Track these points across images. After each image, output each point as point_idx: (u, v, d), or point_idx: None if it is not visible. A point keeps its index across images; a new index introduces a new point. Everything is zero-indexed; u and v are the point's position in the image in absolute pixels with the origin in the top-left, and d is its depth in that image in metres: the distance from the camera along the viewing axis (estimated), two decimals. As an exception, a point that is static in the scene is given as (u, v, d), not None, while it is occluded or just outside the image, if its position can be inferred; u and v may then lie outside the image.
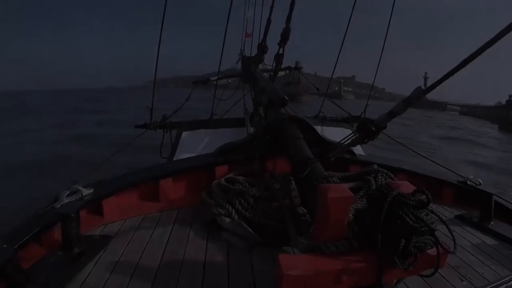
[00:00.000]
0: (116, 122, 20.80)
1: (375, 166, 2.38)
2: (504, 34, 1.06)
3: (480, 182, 2.45)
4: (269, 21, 3.31)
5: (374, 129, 1.57)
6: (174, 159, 3.96)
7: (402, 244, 1.08)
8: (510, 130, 40.07)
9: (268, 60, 3.99)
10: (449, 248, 1.20)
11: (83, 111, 30.21)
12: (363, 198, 1.99)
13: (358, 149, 3.23)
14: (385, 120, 1.53)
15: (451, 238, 1.27)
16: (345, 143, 1.86)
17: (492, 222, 2.12)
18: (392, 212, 1.10)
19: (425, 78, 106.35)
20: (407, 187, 1.21)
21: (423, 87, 1.29)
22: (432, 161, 3.20)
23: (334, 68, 4.61)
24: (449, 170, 3.01)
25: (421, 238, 1.13)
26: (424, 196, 1.15)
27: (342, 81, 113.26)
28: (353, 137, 1.76)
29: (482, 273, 1.62)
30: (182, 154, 3.99)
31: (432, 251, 1.17)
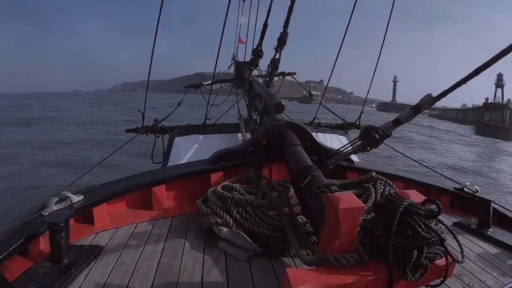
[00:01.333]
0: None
1: (373, 173, 2.35)
2: None
3: (477, 189, 2.45)
4: (265, 26, 3.29)
5: (378, 137, 1.53)
6: (167, 165, 3.88)
7: (415, 255, 1.06)
8: (487, 131, 41.29)
9: (262, 66, 3.97)
10: (457, 258, 1.18)
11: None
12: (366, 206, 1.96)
13: (352, 156, 3.22)
14: (390, 127, 1.49)
15: (459, 247, 1.25)
16: (346, 150, 1.82)
17: (490, 229, 2.10)
18: (403, 222, 1.07)
19: (394, 82, 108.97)
20: (416, 196, 1.18)
21: (432, 95, 1.25)
22: (429, 167, 3.20)
23: (330, 76, 4.60)
24: (445, 177, 3.01)
25: (432, 249, 1.11)
26: (434, 206, 1.13)
27: (311, 85, 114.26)
28: (355, 144, 1.72)
29: (485, 280, 1.60)
30: (175, 160, 3.92)
31: (439, 261, 1.14)
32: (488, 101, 53.16)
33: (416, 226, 1.05)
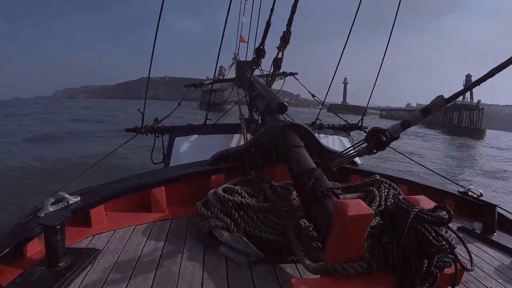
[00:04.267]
0: None
1: (377, 176, 2.30)
2: None
3: (481, 193, 2.40)
4: (268, 24, 3.25)
5: (385, 139, 1.48)
6: (167, 165, 3.84)
7: (425, 264, 1.01)
8: (460, 133, 41.39)
9: (264, 65, 3.93)
10: (466, 266, 1.13)
11: None
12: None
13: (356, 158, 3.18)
14: (398, 130, 1.44)
15: (468, 254, 1.21)
16: (351, 152, 1.77)
17: (495, 234, 2.06)
18: (413, 230, 1.02)
19: (345, 84, 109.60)
20: (426, 202, 1.14)
21: (444, 96, 1.20)
22: (433, 170, 3.16)
23: (334, 76, 4.55)
24: (449, 180, 2.97)
25: (442, 257, 1.06)
26: (445, 212, 1.08)
27: None
28: (360, 146, 1.67)
29: (491, 287, 1.55)
30: (175, 160, 3.87)
31: (448, 270, 1.10)
32: (456, 103, 53.08)
33: (427, 234, 1.01)
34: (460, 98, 54.47)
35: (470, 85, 1.08)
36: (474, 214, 2.32)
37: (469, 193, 2.44)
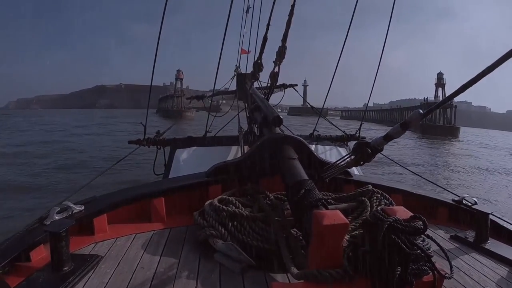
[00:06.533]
0: None
1: (370, 187, 2.37)
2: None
3: (475, 201, 2.45)
4: (265, 39, 3.37)
5: (370, 151, 1.57)
6: (168, 176, 3.92)
7: (398, 272, 1.07)
8: (434, 132, 40.64)
9: (263, 78, 4.04)
10: (445, 274, 1.19)
11: None
12: (357, 221, 1.97)
13: (353, 168, 3.24)
14: (381, 143, 1.53)
15: (448, 262, 1.26)
16: (341, 164, 1.85)
17: (488, 242, 2.09)
18: (388, 239, 1.09)
19: (305, 86, 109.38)
20: (403, 213, 1.21)
21: (421, 111, 1.30)
22: (428, 180, 3.21)
23: (328, 92, 4.66)
24: (444, 189, 3.02)
25: (418, 265, 1.12)
26: (421, 222, 1.14)
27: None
28: (349, 158, 1.76)
29: None
30: (176, 171, 3.96)
31: (427, 277, 1.16)
32: (428, 101, 52.52)
33: (400, 243, 1.08)
34: (432, 97, 54.22)
35: (444, 99, 1.17)
36: (468, 222, 2.35)
37: (463, 202, 2.49)
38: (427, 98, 54.36)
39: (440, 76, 57.08)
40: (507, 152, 29.55)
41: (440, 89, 55.83)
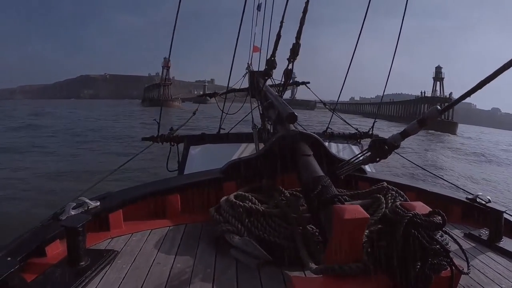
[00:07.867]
0: None
1: (385, 184, 2.35)
2: None
3: (489, 199, 2.42)
4: (278, 36, 3.36)
5: (387, 148, 1.56)
6: (182, 173, 3.96)
7: (418, 267, 1.07)
8: (433, 127, 39.98)
9: (276, 75, 4.04)
10: (463, 269, 1.18)
11: None
12: (373, 217, 1.97)
13: (367, 166, 3.21)
14: (398, 139, 1.52)
15: (464, 258, 1.26)
16: (356, 161, 1.84)
17: (502, 240, 2.06)
18: (407, 234, 1.09)
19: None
20: (422, 208, 1.20)
21: (439, 108, 1.28)
22: (441, 177, 3.17)
23: (342, 85, 4.62)
24: (458, 187, 2.97)
25: (437, 260, 1.12)
26: (439, 217, 1.14)
27: (206, 84, 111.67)
28: (365, 155, 1.75)
29: None
30: (189, 168, 3.99)
31: (445, 273, 1.15)
32: (426, 95, 51.47)
33: (420, 237, 1.07)
34: (430, 90, 53.24)
35: (460, 96, 1.16)
36: (482, 221, 2.33)
37: (477, 200, 2.46)
38: (424, 92, 53.23)
39: (438, 70, 55.87)
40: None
41: (438, 83, 54.65)
